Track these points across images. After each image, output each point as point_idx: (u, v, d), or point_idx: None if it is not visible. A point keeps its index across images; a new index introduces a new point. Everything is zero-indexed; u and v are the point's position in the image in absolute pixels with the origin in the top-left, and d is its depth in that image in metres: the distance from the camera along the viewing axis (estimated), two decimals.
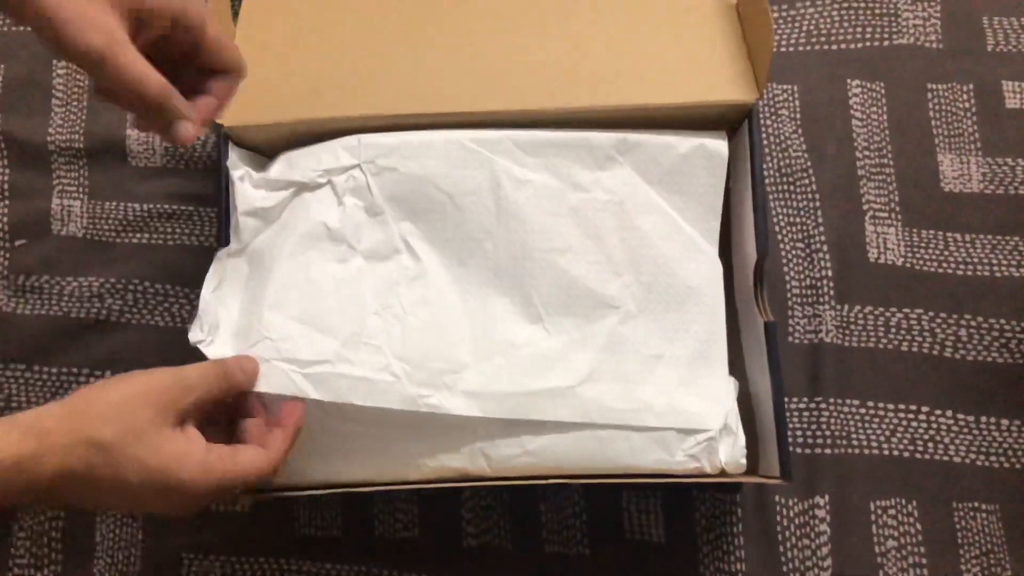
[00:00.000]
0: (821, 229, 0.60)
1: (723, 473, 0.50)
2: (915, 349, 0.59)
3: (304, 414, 0.46)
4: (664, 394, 0.49)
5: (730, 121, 0.53)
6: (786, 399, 0.55)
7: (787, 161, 0.62)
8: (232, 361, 0.44)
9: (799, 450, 0.57)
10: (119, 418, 0.37)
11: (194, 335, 0.47)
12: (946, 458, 0.57)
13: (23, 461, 0.35)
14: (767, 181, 0.61)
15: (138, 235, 0.63)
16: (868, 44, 0.64)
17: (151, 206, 0.63)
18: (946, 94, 0.63)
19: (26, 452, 0.35)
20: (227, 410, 0.46)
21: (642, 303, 0.51)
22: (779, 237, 0.61)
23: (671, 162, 0.52)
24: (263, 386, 0.46)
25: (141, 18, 0.37)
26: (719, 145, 0.52)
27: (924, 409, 0.58)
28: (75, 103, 0.64)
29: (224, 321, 0.49)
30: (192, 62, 0.41)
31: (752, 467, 0.52)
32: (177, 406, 0.39)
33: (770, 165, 0.62)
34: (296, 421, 0.45)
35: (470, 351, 0.49)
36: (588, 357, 0.50)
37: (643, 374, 0.50)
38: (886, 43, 0.64)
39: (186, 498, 0.38)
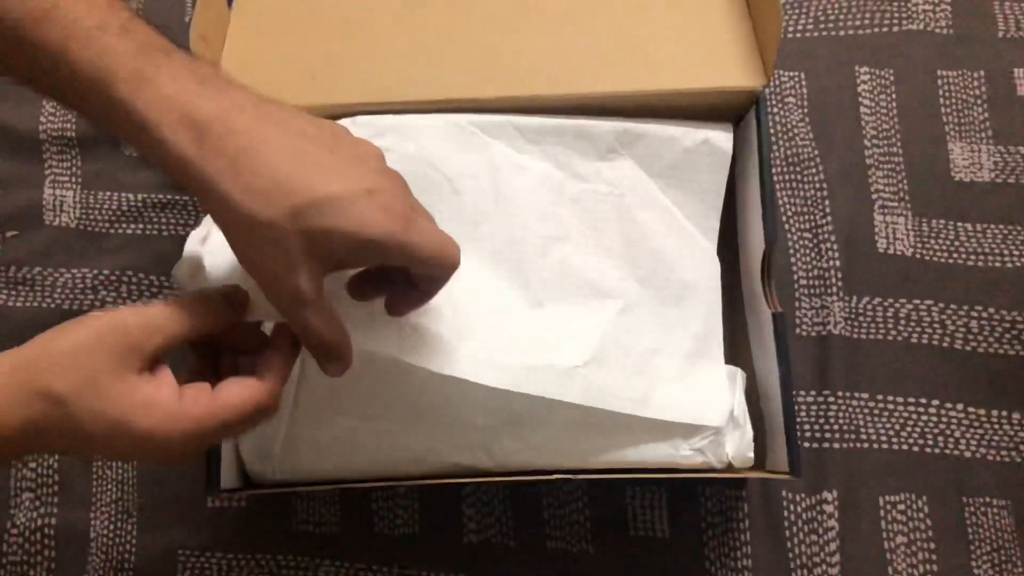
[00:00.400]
0: (829, 219, 0.59)
1: (730, 468, 0.49)
2: (925, 341, 0.58)
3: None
4: (662, 387, 0.48)
5: (736, 108, 0.52)
6: (793, 392, 0.54)
7: (794, 150, 0.61)
8: (214, 292, 0.38)
9: (807, 444, 0.56)
10: (73, 368, 0.33)
11: (179, 273, 0.42)
12: (956, 452, 0.56)
13: None
14: (773, 170, 0.60)
15: (132, 225, 0.62)
16: (877, 30, 0.63)
17: (145, 196, 0.62)
18: (956, 81, 0.62)
19: None
20: (228, 345, 0.41)
21: (639, 296, 0.50)
22: (786, 227, 0.60)
23: (674, 156, 0.51)
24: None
25: (347, 263, 0.36)
26: (723, 140, 0.51)
27: (934, 402, 0.57)
28: None
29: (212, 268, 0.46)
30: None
31: (759, 462, 0.51)
32: (141, 350, 0.34)
33: (777, 154, 0.61)
34: (289, 334, 0.38)
35: (476, 323, 0.47)
36: (591, 343, 0.48)
37: (640, 366, 0.49)
38: (895, 29, 0.63)
39: (160, 449, 0.34)
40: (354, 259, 0.36)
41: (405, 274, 0.38)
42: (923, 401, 0.57)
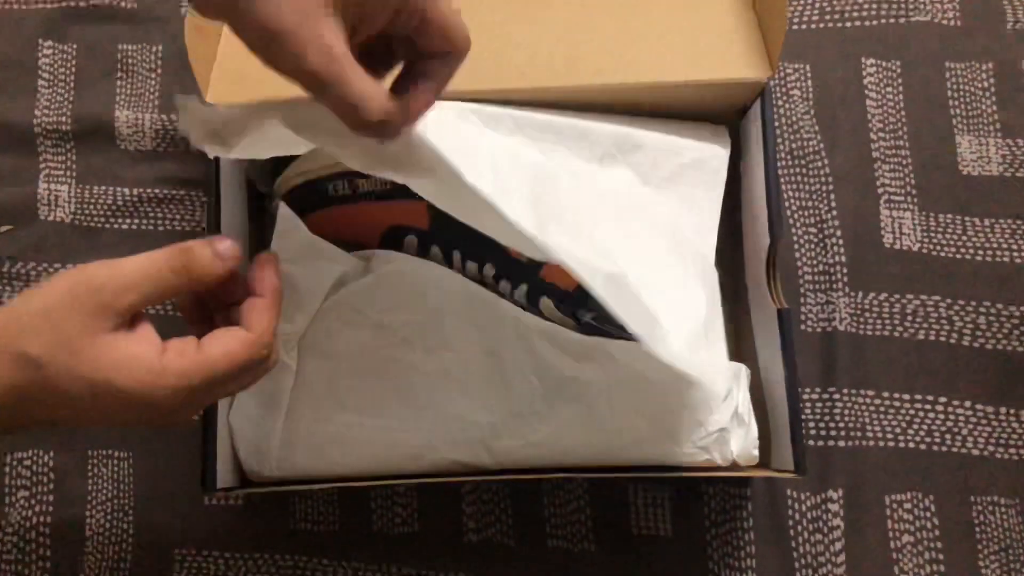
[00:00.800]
0: (834, 213, 0.59)
1: (735, 466, 0.48)
2: (932, 337, 0.57)
3: (278, 269, 0.37)
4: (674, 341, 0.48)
5: (741, 101, 0.51)
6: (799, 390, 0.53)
7: (799, 143, 0.60)
8: (197, 245, 0.35)
9: (812, 442, 0.55)
10: (47, 329, 0.32)
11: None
12: (964, 450, 0.55)
13: None
14: (778, 164, 0.59)
15: (128, 220, 0.61)
16: (884, 21, 0.62)
17: (141, 190, 0.61)
18: (964, 73, 0.61)
19: None
20: (220, 305, 0.38)
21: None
22: (791, 222, 0.59)
23: (671, 169, 0.50)
24: None
25: (364, 14, 0.33)
26: (721, 157, 0.50)
27: (941, 400, 0.56)
28: (61, 84, 0.62)
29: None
30: (411, 42, 0.36)
31: (764, 460, 0.50)
32: (115, 306, 0.32)
33: (781, 147, 0.60)
34: (271, 280, 0.36)
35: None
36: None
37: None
38: (902, 20, 0.62)
39: (146, 407, 0.32)
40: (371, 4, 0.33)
41: (414, 56, 0.36)
42: (930, 398, 0.56)
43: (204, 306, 0.38)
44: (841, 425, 0.56)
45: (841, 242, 0.58)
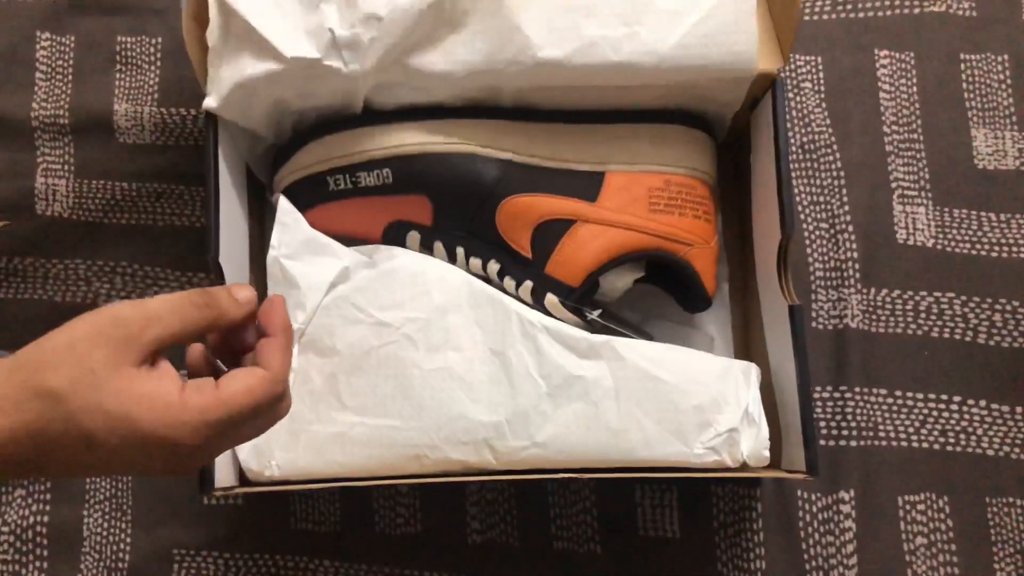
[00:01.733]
0: (846, 208, 0.58)
1: (744, 467, 0.47)
2: (946, 335, 0.56)
3: (285, 309, 0.38)
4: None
5: (751, 92, 0.50)
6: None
7: (810, 136, 0.59)
8: (218, 289, 0.37)
9: (823, 442, 0.54)
10: (70, 363, 0.31)
11: None
12: (979, 451, 0.54)
13: None
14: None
15: (126, 215, 0.60)
16: (897, 12, 0.61)
17: (140, 185, 0.60)
18: (980, 65, 0.60)
19: None
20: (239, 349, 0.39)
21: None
22: (801, 217, 0.58)
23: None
24: None
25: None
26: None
27: (956, 399, 0.55)
28: (59, 77, 0.61)
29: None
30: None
31: (774, 460, 0.49)
32: (139, 341, 0.33)
33: (792, 141, 0.59)
34: (280, 319, 0.37)
35: None
36: None
37: None
38: (916, 11, 0.61)
39: (165, 446, 0.32)
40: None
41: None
42: (944, 397, 0.55)
43: (212, 360, 0.38)
44: (853, 425, 0.55)
45: (853, 237, 0.57)
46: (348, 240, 0.51)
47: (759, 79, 0.48)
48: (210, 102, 0.48)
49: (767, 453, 0.47)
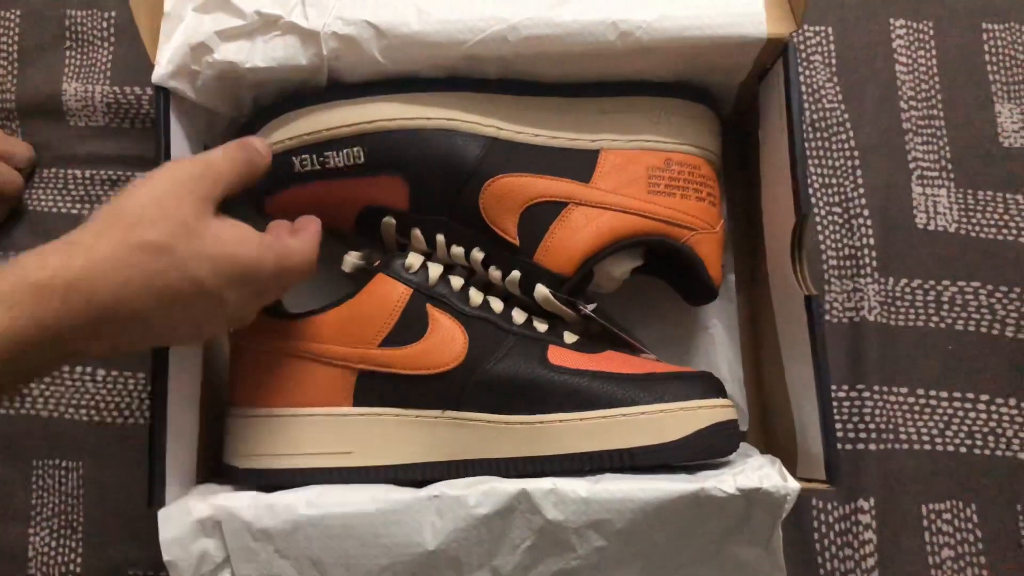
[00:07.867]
0: (861, 191, 0.55)
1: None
2: (972, 328, 0.53)
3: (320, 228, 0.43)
4: None
5: (759, 61, 0.46)
6: None
7: (821, 114, 0.56)
8: (251, 140, 0.43)
9: (839, 446, 0.52)
10: (165, 217, 0.35)
11: None
12: (1009, 454, 0.52)
13: (76, 282, 0.32)
14: None
15: (80, 205, 0.56)
16: None
17: (94, 172, 0.56)
18: (1004, 35, 0.58)
19: (75, 270, 0.32)
20: None
21: None
22: (813, 201, 0.55)
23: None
24: None
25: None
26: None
27: (983, 398, 0.53)
28: (3, 54, 0.57)
29: None
30: None
31: (788, 467, 0.45)
32: (213, 194, 0.38)
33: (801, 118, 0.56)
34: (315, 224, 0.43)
35: None
36: None
37: None
38: None
39: (259, 283, 0.38)
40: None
41: None
42: (970, 396, 0.53)
43: None
44: (872, 427, 0.52)
45: (869, 223, 0.55)
46: None
47: (768, 45, 0.44)
48: (160, 71, 0.44)
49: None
